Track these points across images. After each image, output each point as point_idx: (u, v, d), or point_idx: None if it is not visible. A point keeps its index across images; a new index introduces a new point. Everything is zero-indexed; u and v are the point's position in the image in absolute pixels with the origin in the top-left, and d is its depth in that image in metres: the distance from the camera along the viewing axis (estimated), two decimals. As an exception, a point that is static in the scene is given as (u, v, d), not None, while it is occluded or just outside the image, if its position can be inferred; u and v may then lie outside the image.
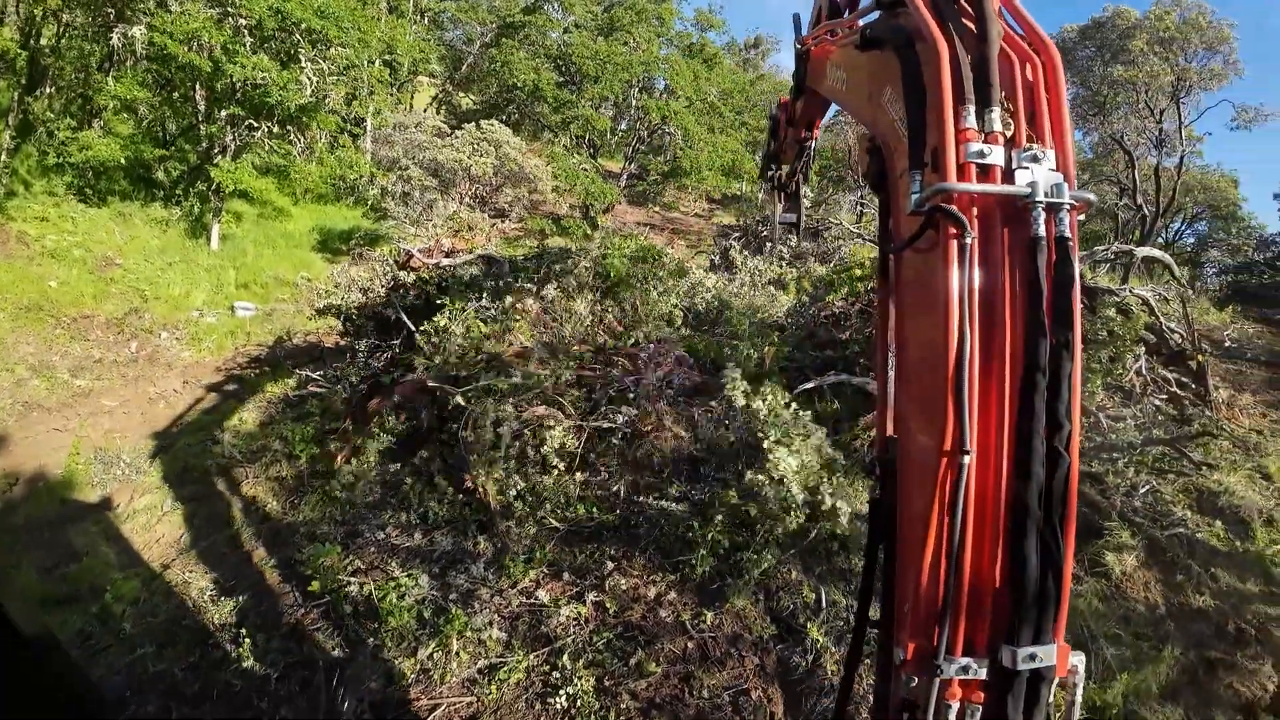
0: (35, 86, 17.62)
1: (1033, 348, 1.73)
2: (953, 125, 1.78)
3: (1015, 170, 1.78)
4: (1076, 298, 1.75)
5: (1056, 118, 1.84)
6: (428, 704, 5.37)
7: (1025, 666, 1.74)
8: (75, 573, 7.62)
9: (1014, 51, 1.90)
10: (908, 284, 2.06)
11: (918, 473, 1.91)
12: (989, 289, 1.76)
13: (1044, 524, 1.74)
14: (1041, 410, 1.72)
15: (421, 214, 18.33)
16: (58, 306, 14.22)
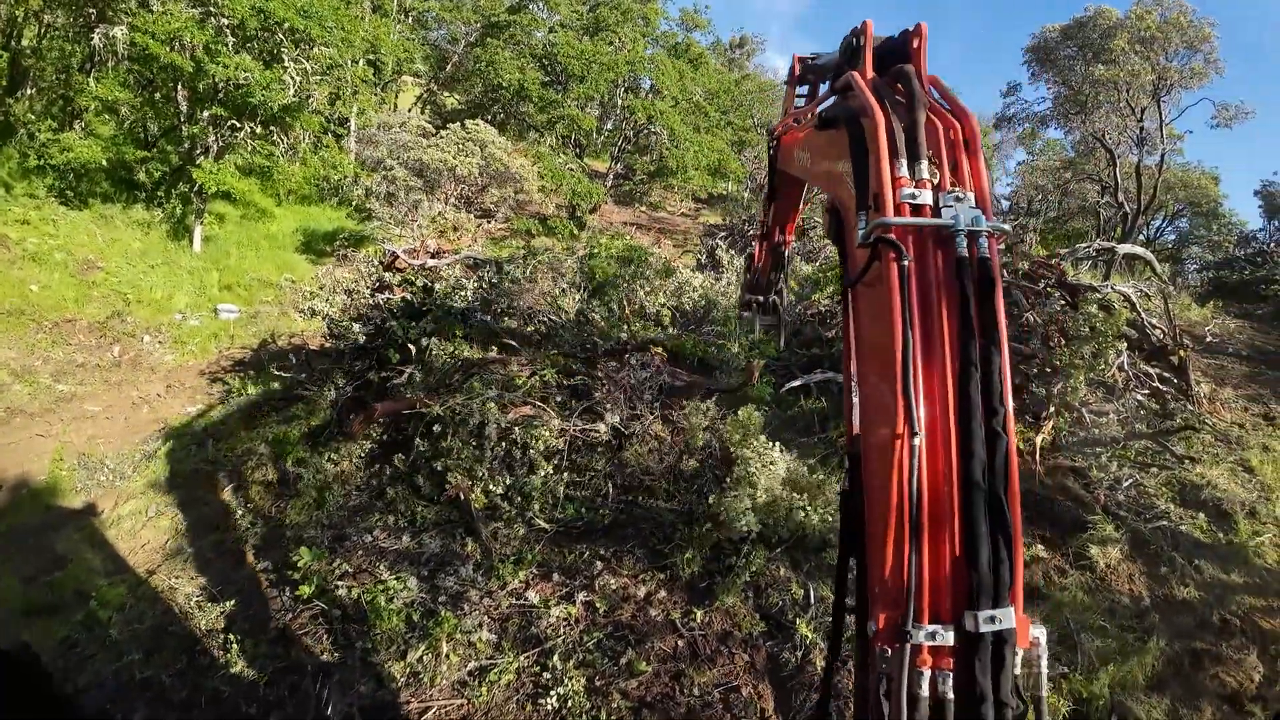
0: (16, 88, 17.42)
1: (965, 346, 2.07)
2: (889, 174, 2.21)
3: (942, 208, 2.19)
4: (999, 304, 2.09)
5: (974, 168, 2.28)
6: (418, 707, 5.36)
7: (987, 629, 1.91)
8: (60, 580, 7.53)
9: (940, 120, 2.35)
10: (862, 311, 2.43)
11: (877, 458, 2.17)
12: (925, 300, 2.12)
13: (990, 496, 1.98)
14: (978, 398, 2.03)
15: (406, 215, 18.23)
16: (39, 310, 14.02)
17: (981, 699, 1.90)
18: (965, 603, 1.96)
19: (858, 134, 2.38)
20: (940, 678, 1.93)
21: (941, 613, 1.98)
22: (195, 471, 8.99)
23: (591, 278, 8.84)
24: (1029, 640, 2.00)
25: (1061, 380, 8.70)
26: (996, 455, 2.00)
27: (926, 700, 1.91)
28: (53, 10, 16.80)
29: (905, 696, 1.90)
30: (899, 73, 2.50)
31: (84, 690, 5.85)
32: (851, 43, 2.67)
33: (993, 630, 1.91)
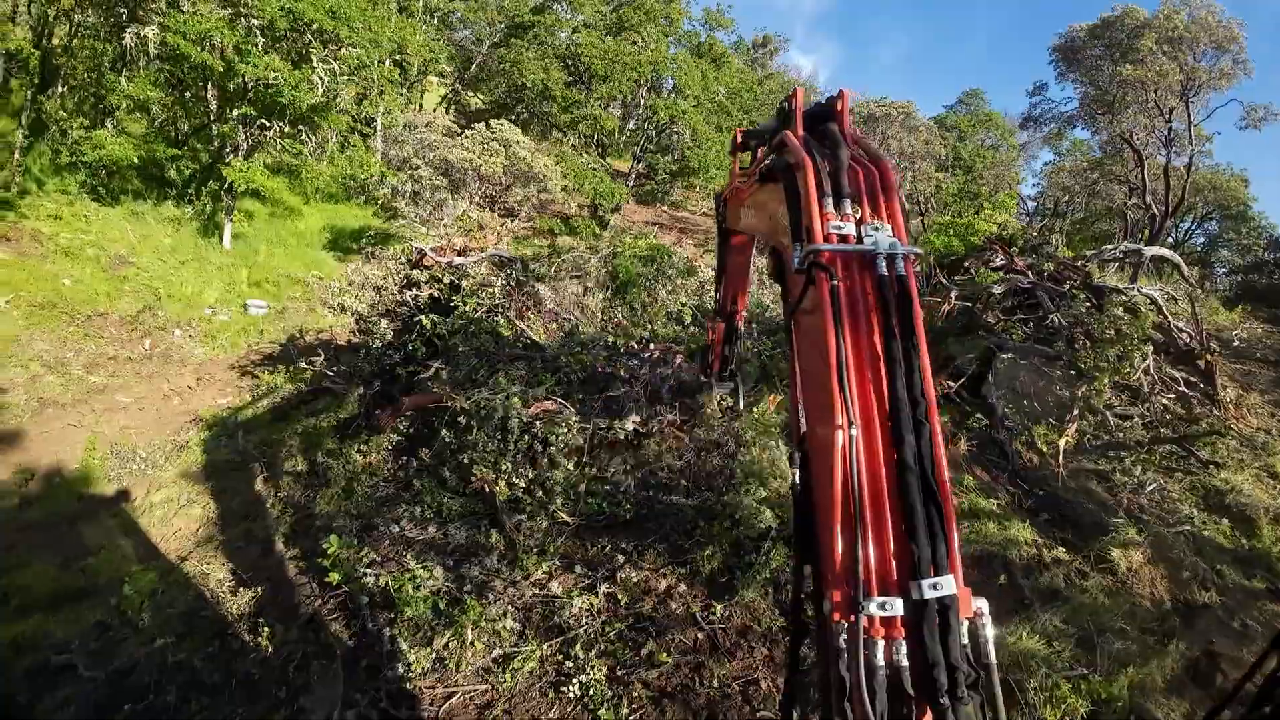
0: (48, 86, 17.75)
1: (889, 347, 2.38)
2: (818, 210, 2.56)
3: (864, 237, 2.53)
4: (918, 313, 2.41)
5: (890, 205, 2.64)
6: (443, 692, 5.46)
7: (931, 595, 2.08)
8: (93, 565, 7.74)
9: (861, 167, 2.72)
10: (803, 333, 2.74)
11: (821, 450, 2.41)
12: (855, 313, 2.44)
13: (921, 477, 2.20)
14: (903, 390, 2.31)
15: (431, 213, 18.44)
16: (72, 304, 14.35)
17: (934, 664, 2.03)
18: (910, 575, 2.14)
19: (791, 181, 2.75)
20: (894, 647, 2.06)
21: (889, 586, 2.15)
22: (226, 462, 9.19)
23: (615, 276, 8.92)
24: (973, 610, 2.13)
25: (1086, 383, 8.66)
26: (922, 440, 2.25)
27: (883, 669, 2.04)
28: (84, 10, 17.09)
29: (862, 665, 2.03)
30: (826, 131, 2.91)
31: (117, 672, 6.02)
32: (784, 107, 3.09)
33: (936, 597, 2.07)
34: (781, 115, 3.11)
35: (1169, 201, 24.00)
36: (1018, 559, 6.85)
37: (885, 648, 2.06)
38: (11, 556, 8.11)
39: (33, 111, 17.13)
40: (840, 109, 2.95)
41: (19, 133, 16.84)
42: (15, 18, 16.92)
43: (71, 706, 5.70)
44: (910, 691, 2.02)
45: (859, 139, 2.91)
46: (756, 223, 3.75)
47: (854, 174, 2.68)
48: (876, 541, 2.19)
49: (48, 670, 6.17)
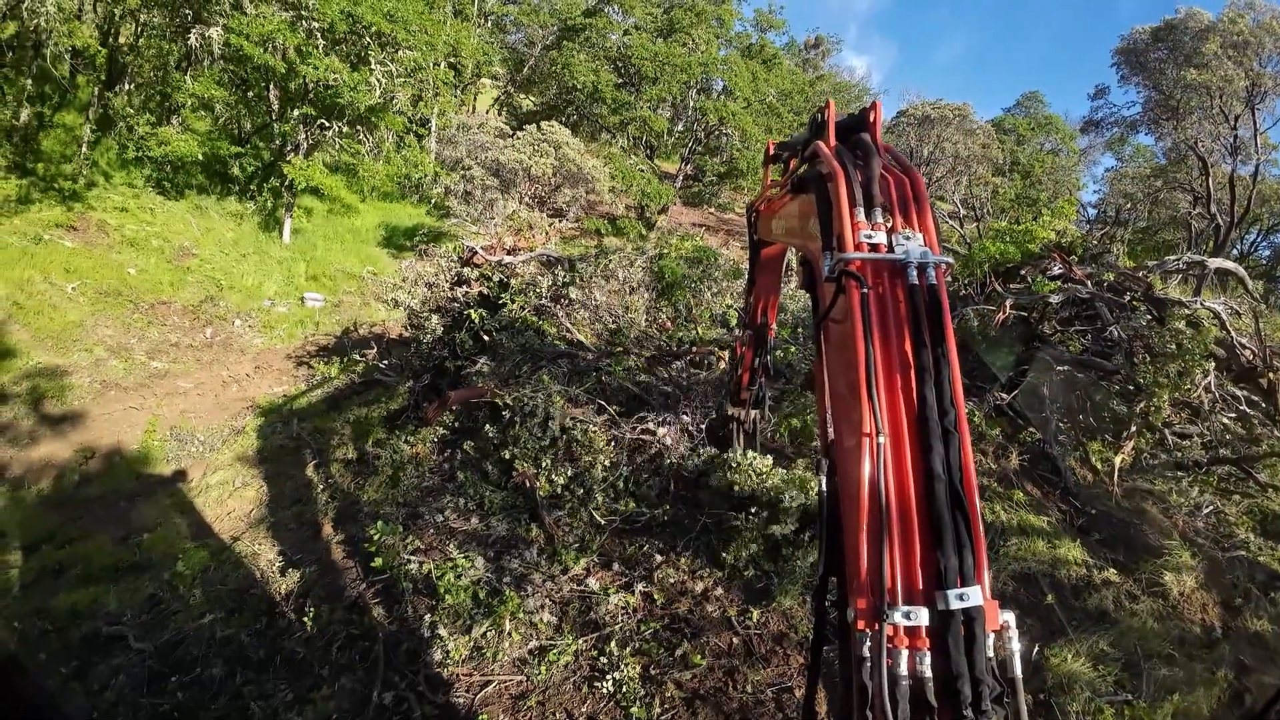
0: (114, 83, 18.49)
1: (919, 356, 2.38)
2: (849, 219, 2.57)
3: (895, 246, 2.54)
4: (948, 322, 2.42)
5: (922, 213, 2.66)
6: (480, 680, 5.56)
7: (957, 605, 2.05)
8: (148, 541, 8.07)
9: (892, 176, 2.74)
10: (832, 341, 2.76)
11: (849, 458, 2.41)
12: (884, 321, 2.45)
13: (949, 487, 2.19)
14: (933, 398, 2.31)
15: (482, 212, 18.75)
16: (136, 292, 14.98)
17: (958, 676, 2.00)
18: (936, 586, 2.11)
19: (824, 190, 2.78)
20: (917, 658, 2.03)
21: (915, 596, 2.12)
22: (280, 447, 9.49)
23: (660, 277, 8.97)
24: (999, 623, 2.11)
25: (1145, 399, 8.39)
26: (951, 450, 2.25)
27: (906, 679, 2.01)
28: (149, 10, 17.74)
29: (885, 674, 2.01)
30: (858, 141, 2.92)
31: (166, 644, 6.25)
32: (817, 118, 3.12)
33: (963, 608, 2.05)
34: (814, 126, 3.15)
35: (1234, 212, 23.11)
36: (1066, 579, 6.68)
37: (909, 658, 2.03)
38: (72, 529, 8.52)
39: (100, 107, 17.87)
40: (873, 120, 2.98)
41: (86, 127, 17.61)
42: (81, 15, 17.64)
43: (120, 675, 5.91)
44: (933, 703, 1.99)
45: (890, 149, 2.94)
46: (788, 233, 3.79)
47: (885, 183, 2.70)
48: (903, 550, 2.18)
49: (100, 639, 6.42)
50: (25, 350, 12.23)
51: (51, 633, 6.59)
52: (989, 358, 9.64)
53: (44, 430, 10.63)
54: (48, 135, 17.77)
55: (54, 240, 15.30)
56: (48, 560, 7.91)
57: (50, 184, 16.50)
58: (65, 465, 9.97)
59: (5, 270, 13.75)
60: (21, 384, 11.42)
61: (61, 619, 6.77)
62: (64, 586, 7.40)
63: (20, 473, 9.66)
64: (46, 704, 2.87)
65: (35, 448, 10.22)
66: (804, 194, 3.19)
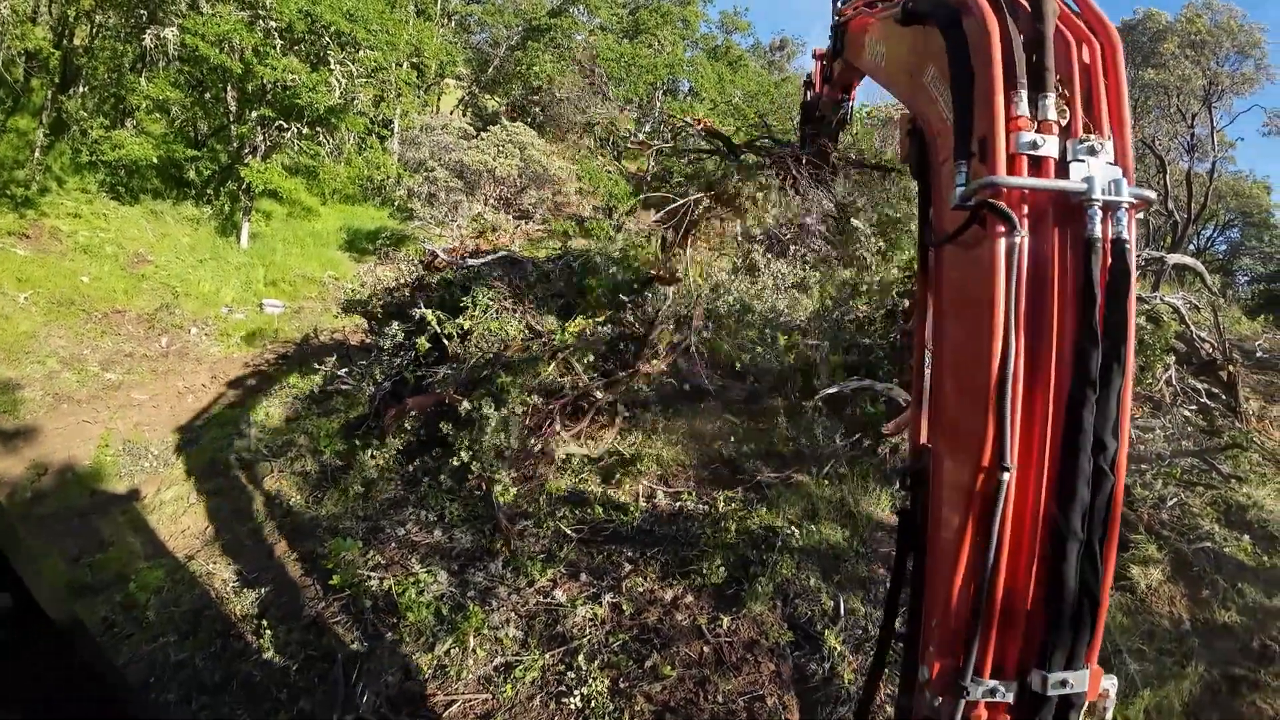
0: (68, 85, 17.95)
1: (1083, 359, 1.61)
2: (1003, 112, 1.65)
3: (1070, 163, 1.65)
4: (1132, 306, 1.63)
5: (1115, 106, 1.70)
6: (444, 700, 5.42)
7: (1055, 692, 1.68)
8: (101, 561, 7.79)
9: (1070, 32, 1.75)
10: (949, 282, 1.94)
11: (952, 487, 1.83)
12: (1038, 293, 1.64)
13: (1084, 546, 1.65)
14: (1090, 426, 1.61)
15: (447, 215, 18.51)
16: (90, 301, 14.51)
17: None
18: (1033, 658, 1.73)
19: (959, 44, 1.79)
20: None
21: (1005, 667, 1.74)
22: (237, 460, 9.23)
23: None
24: (1099, 692, 1.79)
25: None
26: (1099, 498, 1.64)
27: None
28: (104, 10, 17.32)
29: None
30: None
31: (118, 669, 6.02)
32: None
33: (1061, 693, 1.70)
34: None
35: (1191, 208, 23.68)
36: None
37: None
38: (25, 549, 8.16)
39: (53, 111, 17.34)
40: None
41: (39, 131, 17.06)
42: (36, 17, 17.12)
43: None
44: None
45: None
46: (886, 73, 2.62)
47: (1060, 46, 1.72)
48: (1005, 612, 1.71)
49: (50, 665, 6.16)
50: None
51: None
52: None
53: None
54: (0, 140, 17.17)
55: (5, 249, 14.76)
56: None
57: (2, 190, 15.91)
58: (17, 482, 9.62)
59: (-45, 282, 13.23)
60: (-28, 399, 10.98)
61: (11, 644, 6.47)
62: (14, 610, 7.09)
63: (-29, 491, 9.28)
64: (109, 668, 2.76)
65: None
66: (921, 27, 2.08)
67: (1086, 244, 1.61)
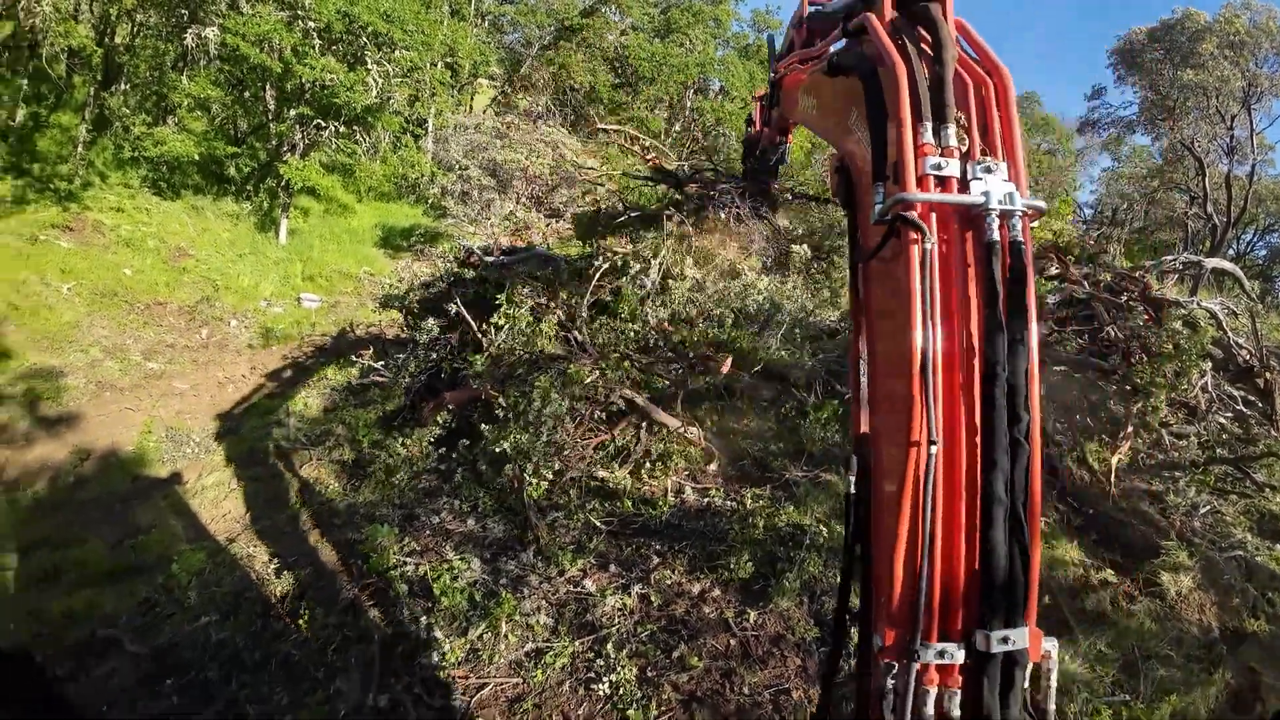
0: (110, 83, 18.37)
1: (992, 344, 1.86)
2: (911, 140, 1.94)
3: (971, 181, 1.93)
4: (1031, 297, 1.89)
5: (1008, 133, 2.01)
6: (476, 683, 5.55)
7: (998, 649, 1.82)
8: (143, 544, 8.02)
9: (968, 73, 2.09)
10: (875, 292, 2.21)
11: (889, 465, 2.03)
12: (949, 290, 1.91)
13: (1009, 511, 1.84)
14: (1003, 402, 1.84)
15: (479, 213, 18.76)
16: (132, 293, 14.93)
17: (988, 718, 1.84)
18: (976, 620, 1.87)
19: (875, 88, 2.10)
20: (947, 696, 1.86)
21: (951, 630, 1.88)
22: (276, 448, 9.45)
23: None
24: (1041, 653, 1.91)
25: (1142, 399, 8.40)
26: (1018, 466, 1.86)
27: (932, 718, 1.85)
28: (145, 10, 17.68)
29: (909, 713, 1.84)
30: (922, 13, 2.16)
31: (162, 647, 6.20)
32: None
33: (1004, 651, 1.83)
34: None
35: (1230, 212, 23.21)
36: (1064, 579, 6.69)
37: (937, 697, 1.85)
38: (68, 532, 8.45)
39: (96, 107, 17.80)
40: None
41: (82, 127, 17.54)
42: (77, 15, 17.54)
43: (116, 679, 5.88)
44: None
45: (967, 30, 2.21)
46: (817, 120, 2.94)
47: (960, 84, 2.05)
48: (944, 579, 1.87)
49: (95, 642, 6.37)
50: (20, 351, 12.15)
51: (47, 636, 6.55)
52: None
53: (39, 432, 10.56)
54: (43, 135, 17.70)
55: (50, 241, 15.23)
56: (43, 563, 7.86)
57: (46, 184, 16.41)
58: (61, 467, 9.91)
59: (1, 271, 13.67)
60: (17, 385, 11.35)
61: (57, 622, 6.73)
62: (60, 590, 7.34)
63: (16, 475, 9.58)
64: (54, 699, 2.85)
65: (30, 449, 10.15)
66: (844, 78, 2.40)
67: (987, 247, 1.89)
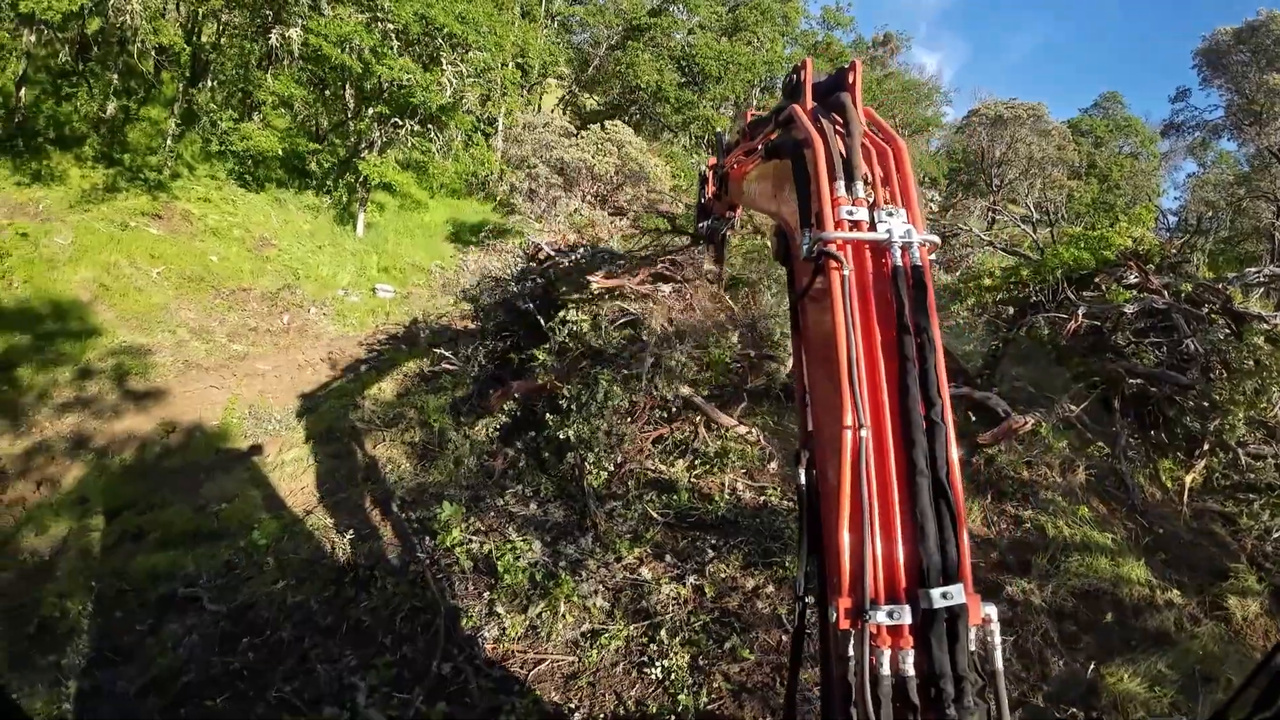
0: (197, 79, 19.35)
1: (902, 344, 2.26)
2: (829, 194, 2.43)
3: (877, 223, 2.40)
4: (932, 306, 2.30)
5: (905, 187, 2.50)
6: (533, 658, 5.77)
7: (940, 604, 2.01)
8: (226, 511, 8.51)
9: (873, 144, 2.60)
10: (809, 321, 2.67)
11: (829, 453, 2.33)
12: (866, 305, 2.34)
13: (934, 481, 2.12)
14: (916, 389, 2.20)
15: (545, 210, 19.16)
16: (218, 279, 15.77)
17: (941, 674, 1.98)
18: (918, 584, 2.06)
19: (801, 160, 2.63)
20: (900, 656, 2.01)
21: (898, 594, 2.08)
22: (351, 429, 9.91)
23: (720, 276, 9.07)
24: (981, 617, 2.08)
25: (1219, 416, 8.11)
26: (936, 442, 2.15)
27: (888, 678, 1.99)
28: (231, 10, 18.51)
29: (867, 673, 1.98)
30: (836, 102, 2.72)
31: (239, 607, 6.59)
32: (792, 79, 2.93)
33: (946, 606, 2.01)
34: (788, 88, 2.95)
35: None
36: (1128, 598, 6.53)
37: (891, 656, 2.01)
38: (152, 497, 9.03)
39: (184, 103, 18.73)
40: (853, 81, 2.76)
41: (171, 121, 18.51)
42: (164, 14, 18.37)
43: (194, 635, 6.24)
44: (916, 701, 1.98)
45: (871, 114, 2.75)
46: (760, 200, 3.55)
47: (867, 153, 2.54)
48: (885, 548, 2.11)
49: (175, 600, 6.77)
50: (111, 329, 12.95)
51: (129, 592, 7.00)
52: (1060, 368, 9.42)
53: (128, 405, 11.25)
54: (134, 127, 18.69)
55: (140, 227, 16.15)
56: (128, 525, 8.40)
57: (136, 174, 17.35)
58: (147, 438, 10.55)
59: (93, 254, 14.55)
60: (107, 361, 12.10)
61: (139, 580, 7.17)
62: (143, 550, 7.84)
63: (104, 443, 10.25)
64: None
65: (119, 420, 10.83)
66: (777, 159, 2.98)
67: (893, 271, 2.34)
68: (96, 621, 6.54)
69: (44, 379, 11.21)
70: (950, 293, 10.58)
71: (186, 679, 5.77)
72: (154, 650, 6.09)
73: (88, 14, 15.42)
